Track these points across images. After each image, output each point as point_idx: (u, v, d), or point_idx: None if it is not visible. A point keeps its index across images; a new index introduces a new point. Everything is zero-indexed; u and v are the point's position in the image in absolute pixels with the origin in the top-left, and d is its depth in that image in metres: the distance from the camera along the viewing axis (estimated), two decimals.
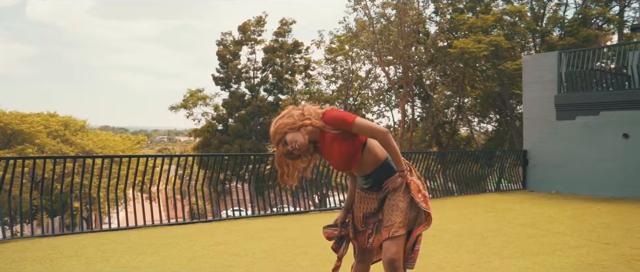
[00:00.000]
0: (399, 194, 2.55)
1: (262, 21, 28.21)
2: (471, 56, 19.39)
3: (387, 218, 2.53)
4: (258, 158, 10.75)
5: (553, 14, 21.45)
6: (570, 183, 10.60)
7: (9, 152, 24.41)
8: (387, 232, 2.50)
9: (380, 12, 23.67)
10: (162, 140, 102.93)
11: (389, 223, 2.51)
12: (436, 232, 5.92)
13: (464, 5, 22.58)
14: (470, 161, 11.29)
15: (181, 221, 6.83)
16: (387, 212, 2.55)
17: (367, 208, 2.64)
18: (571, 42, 18.88)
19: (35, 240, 5.43)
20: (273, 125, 2.52)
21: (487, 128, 26.69)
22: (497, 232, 6.02)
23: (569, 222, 6.81)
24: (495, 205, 8.70)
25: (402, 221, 2.51)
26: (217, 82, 28.03)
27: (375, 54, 24.10)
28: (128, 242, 5.31)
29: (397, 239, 2.48)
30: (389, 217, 2.53)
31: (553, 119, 11.05)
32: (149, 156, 8.20)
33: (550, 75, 11.13)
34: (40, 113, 28.84)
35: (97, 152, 27.41)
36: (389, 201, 2.56)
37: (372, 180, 2.58)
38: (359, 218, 2.68)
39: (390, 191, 2.57)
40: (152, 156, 8.16)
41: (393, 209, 2.53)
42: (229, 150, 24.88)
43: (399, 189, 2.56)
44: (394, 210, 2.53)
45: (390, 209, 2.54)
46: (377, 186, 2.59)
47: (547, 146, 11.20)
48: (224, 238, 5.61)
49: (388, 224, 2.51)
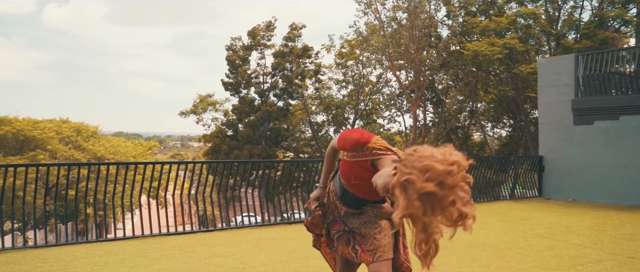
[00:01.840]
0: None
1: (271, 26, 28.07)
2: (485, 59, 19.00)
3: (370, 241, 2.24)
4: (268, 164, 10.51)
5: (568, 16, 20.96)
6: (588, 191, 10.19)
7: (21, 159, 24.53)
8: (371, 256, 2.22)
9: (391, 15, 23.39)
10: (175, 145, 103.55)
11: (372, 247, 2.23)
12: (447, 243, 5.58)
13: (477, 8, 22.19)
14: (483, 167, 10.93)
15: (181, 230, 6.58)
16: (369, 232, 2.27)
17: (333, 213, 2.39)
18: (587, 45, 18.39)
19: (26, 251, 5.22)
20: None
21: (501, 133, 26.24)
22: (512, 243, 5.68)
23: (588, 233, 6.43)
24: (510, 213, 8.33)
25: (389, 243, 2.26)
26: (227, 87, 27.92)
27: (386, 58, 23.80)
28: (122, 254, 5.07)
29: (386, 261, 2.22)
30: (371, 240, 2.25)
31: (570, 124, 10.65)
32: (155, 163, 8.08)
33: (566, 79, 10.74)
34: (52, 119, 29.01)
35: (109, 157, 27.44)
36: (370, 222, 2.29)
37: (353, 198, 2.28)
38: (325, 220, 2.44)
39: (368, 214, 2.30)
40: (159, 162, 8.06)
41: (377, 229, 2.26)
42: (238, 156, 24.71)
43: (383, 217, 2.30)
44: (379, 232, 2.26)
45: (373, 229, 2.26)
46: (355, 206, 2.32)
47: (564, 151, 10.80)
48: (223, 250, 5.35)
49: (371, 248, 2.23)
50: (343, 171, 2.19)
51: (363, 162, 2.04)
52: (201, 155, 33.04)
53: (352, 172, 2.11)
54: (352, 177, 2.12)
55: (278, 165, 12.21)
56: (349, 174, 2.15)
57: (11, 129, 25.30)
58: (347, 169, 2.15)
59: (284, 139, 28.66)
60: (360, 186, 2.14)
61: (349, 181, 2.17)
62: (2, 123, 25.52)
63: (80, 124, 29.53)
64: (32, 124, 26.63)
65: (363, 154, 2.02)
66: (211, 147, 27.91)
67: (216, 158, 25.60)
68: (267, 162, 10.89)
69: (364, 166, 2.05)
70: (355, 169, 2.09)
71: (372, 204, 2.28)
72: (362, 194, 2.20)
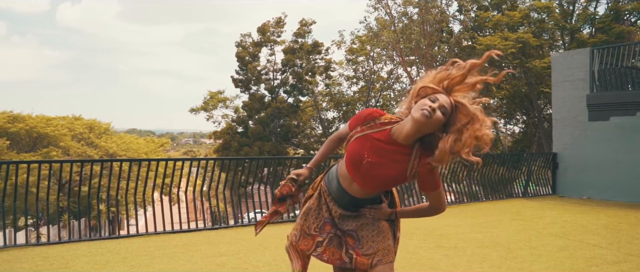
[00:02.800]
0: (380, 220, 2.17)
1: (281, 22, 27.92)
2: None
3: (368, 245, 2.10)
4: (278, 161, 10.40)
5: (583, 10, 20.54)
6: (603, 188, 9.93)
7: (34, 156, 24.74)
8: (370, 259, 2.07)
9: (402, 10, 23.12)
10: (188, 142, 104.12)
11: (370, 250, 2.08)
12: (458, 243, 5.45)
13: (489, 2, 21.85)
14: (495, 164, 10.71)
15: (186, 228, 6.50)
16: (366, 234, 2.12)
17: (324, 215, 2.19)
18: (603, 39, 18.00)
19: (27, 249, 5.16)
20: None
21: (514, 130, 25.84)
22: (525, 243, 5.50)
23: (604, 232, 6.23)
24: (523, 211, 8.13)
25: (389, 245, 2.11)
26: (237, 84, 27.85)
27: (397, 54, 23.56)
28: (124, 253, 4.99)
29: (389, 264, 2.08)
30: (369, 243, 2.10)
31: (585, 120, 10.39)
32: (166, 159, 8.01)
33: (581, 74, 10.47)
34: (65, 116, 29.24)
35: (121, 154, 27.59)
36: (368, 224, 2.14)
37: (350, 200, 2.12)
38: (312, 223, 2.22)
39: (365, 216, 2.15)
40: (170, 159, 7.99)
41: (375, 231, 2.12)
42: (248, 152, 24.65)
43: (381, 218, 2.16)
44: (377, 234, 2.11)
45: (371, 231, 2.12)
46: (352, 208, 2.16)
47: (578, 148, 10.54)
48: (227, 248, 5.25)
49: (369, 251, 2.08)
50: (352, 153, 1.99)
51: (380, 133, 1.95)
52: (212, 152, 33.07)
53: (365, 149, 1.95)
54: (365, 154, 1.95)
55: (288, 162, 12.12)
56: (360, 153, 1.96)
57: (25, 126, 25.54)
58: (360, 147, 1.97)
59: (295, 136, 28.54)
60: (372, 166, 1.95)
61: (359, 163, 1.97)
62: (16, 120, 25.77)
63: (93, 121, 29.72)
64: (45, 121, 26.86)
65: (380, 125, 1.96)
66: (221, 144, 27.90)
67: (226, 155, 25.58)
68: (278, 158, 10.78)
69: (381, 136, 1.94)
70: (369, 143, 1.95)
71: (370, 206, 2.15)
72: (368, 183, 2.00)
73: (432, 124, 1.82)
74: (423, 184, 1.99)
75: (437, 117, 1.81)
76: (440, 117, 1.82)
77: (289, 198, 2.27)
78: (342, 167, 2.07)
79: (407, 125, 1.89)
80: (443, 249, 5.16)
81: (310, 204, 2.25)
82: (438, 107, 1.81)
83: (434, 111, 1.80)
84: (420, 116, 1.81)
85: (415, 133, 1.87)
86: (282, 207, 2.28)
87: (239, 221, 7.82)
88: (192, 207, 8.50)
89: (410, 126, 1.86)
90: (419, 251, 5.02)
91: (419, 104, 1.83)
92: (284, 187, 2.24)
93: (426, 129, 1.84)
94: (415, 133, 1.87)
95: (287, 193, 2.25)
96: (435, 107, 1.81)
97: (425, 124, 1.82)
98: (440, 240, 5.60)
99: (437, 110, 1.81)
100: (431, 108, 1.80)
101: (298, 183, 2.25)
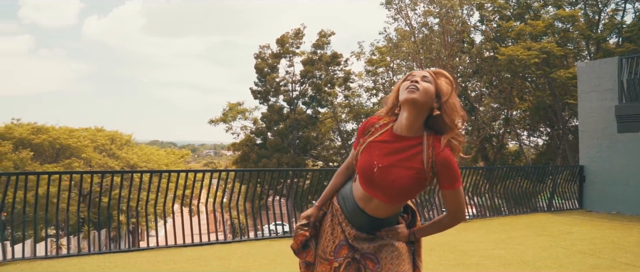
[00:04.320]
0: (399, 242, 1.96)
1: (300, 33, 27.94)
2: (520, 64, 18.26)
3: (387, 267, 1.90)
4: (297, 173, 10.25)
5: (609, 19, 20.00)
6: (634, 203, 9.48)
7: (57, 166, 25.10)
8: None
9: (422, 21, 22.88)
10: (209, 154, 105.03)
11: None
12: (480, 260, 5.17)
13: (511, 12, 21.46)
14: (519, 176, 10.35)
15: (198, 241, 6.35)
16: (386, 257, 1.92)
17: (339, 237, 1.99)
18: (630, 49, 17.45)
19: (35, 262, 5.07)
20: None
21: (538, 142, 25.24)
22: (551, 261, 5.19)
23: (637, 250, 5.87)
24: (549, 227, 7.77)
25: (408, 269, 1.91)
26: (256, 95, 27.90)
27: (417, 65, 23.27)
28: (132, 267, 4.86)
29: None
30: (388, 265, 1.90)
31: (613, 132, 9.98)
32: (185, 171, 7.90)
33: (609, 84, 10.09)
34: (87, 128, 29.66)
35: (142, 166, 27.80)
36: (387, 245, 1.94)
37: (369, 221, 1.95)
38: (326, 246, 2.01)
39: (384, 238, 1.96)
40: (189, 170, 7.87)
41: (394, 255, 1.92)
42: (266, 164, 24.57)
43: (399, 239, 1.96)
44: (396, 257, 1.91)
45: (391, 256, 1.92)
46: (368, 230, 1.96)
47: (606, 161, 10.12)
48: (238, 264, 5.07)
49: None
50: (362, 166, 1.87)
51: (383, 135, 1.89)
52: (231, 164, 33.15)
53: (373, 156, 1.85)
54: (374, 161, 1.83)
55: (307, 174, 11.92)
56: (370, 162, 1.84)
57: (48, 137, 25.97)
58: (368, 156, 1.86)
59: (313, 148, 28.39)
60: (384, 172, 1.82)
61: (371, 173, 1.84)
62: (40, 132, 26.24)
63: (115, 133, 30.11)
64: (68, 132, 27.28)
65: (380, 127, 1.92)
66: (240, 155, 27.90)
67: (245, 166, 25.54)
68: (296, 170, 10.60)
69: (385, 137, 1.88)
70: (375, 149, 1.86)
71: (387, 228, 1.95)
72: (387, 192, 1.85)
73: (426, 97, 1.81)
74: (442, 177, 1.84)
75: (425, 87, 1.80)
76: (428, 86, 1.81)
77: (310, 242, 2.09)
78: (357, 188, 1.93)
79: (403, 114, 1.86)
80: (464, 267, 4.90)
81: (322, 224, 2.09)
82: (420, 79, 1.82)
83: (418, 82, 1.81)
84: (408, 93, 1.80)
85: (415, 115, 1.82)
86: (309, 256, 2.09)
87: (258, 233, 7.64)
88: (212, 218, 8.37)
89: (407, 112, 1.83)
90: (438, 269, 4.77)
91: (402, 89, 1.84)
92: (298, 237, 2.08)
93: (422, 105, 1.81)
94: (415, 115, 1.82)
95: (304, 241, 2.07)
96: (417, 79, 1.82)
97: (417, 100, 1.79)
98: (462, 257, 5.33)
99: (420, 81, 1.81)
100: (413, 81, 1.82)
101: (310, 226, 2.08)
